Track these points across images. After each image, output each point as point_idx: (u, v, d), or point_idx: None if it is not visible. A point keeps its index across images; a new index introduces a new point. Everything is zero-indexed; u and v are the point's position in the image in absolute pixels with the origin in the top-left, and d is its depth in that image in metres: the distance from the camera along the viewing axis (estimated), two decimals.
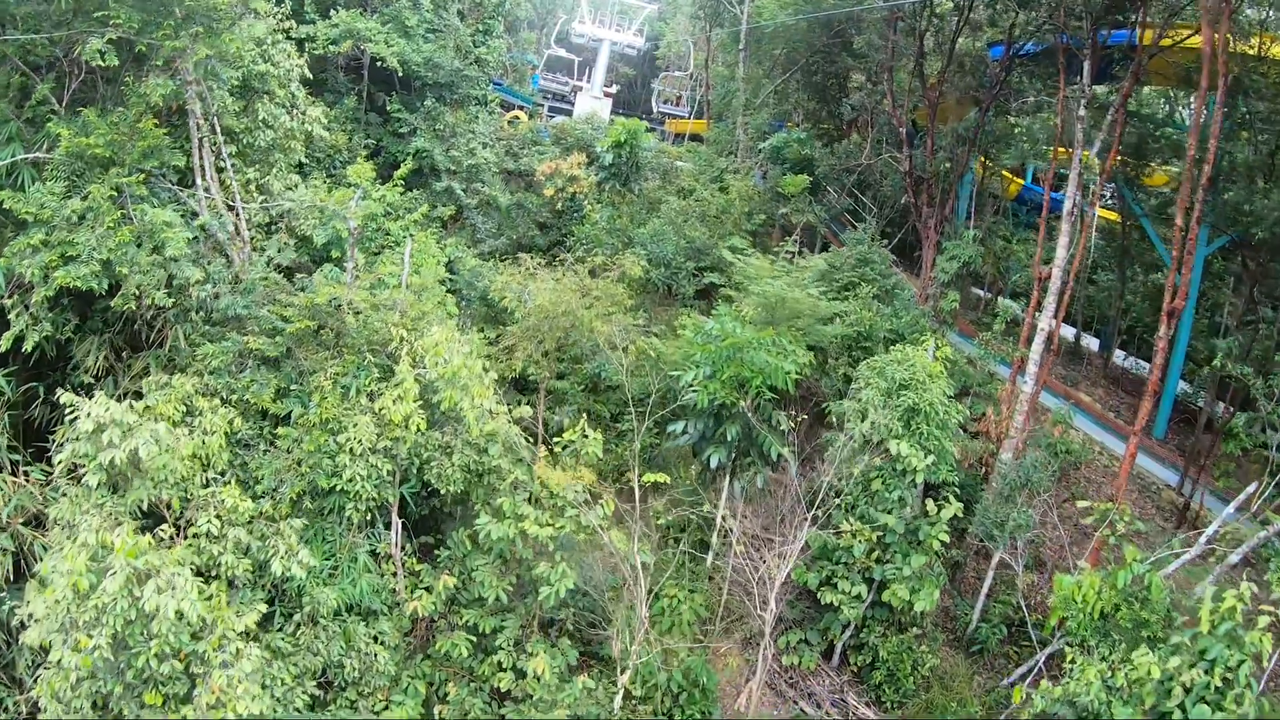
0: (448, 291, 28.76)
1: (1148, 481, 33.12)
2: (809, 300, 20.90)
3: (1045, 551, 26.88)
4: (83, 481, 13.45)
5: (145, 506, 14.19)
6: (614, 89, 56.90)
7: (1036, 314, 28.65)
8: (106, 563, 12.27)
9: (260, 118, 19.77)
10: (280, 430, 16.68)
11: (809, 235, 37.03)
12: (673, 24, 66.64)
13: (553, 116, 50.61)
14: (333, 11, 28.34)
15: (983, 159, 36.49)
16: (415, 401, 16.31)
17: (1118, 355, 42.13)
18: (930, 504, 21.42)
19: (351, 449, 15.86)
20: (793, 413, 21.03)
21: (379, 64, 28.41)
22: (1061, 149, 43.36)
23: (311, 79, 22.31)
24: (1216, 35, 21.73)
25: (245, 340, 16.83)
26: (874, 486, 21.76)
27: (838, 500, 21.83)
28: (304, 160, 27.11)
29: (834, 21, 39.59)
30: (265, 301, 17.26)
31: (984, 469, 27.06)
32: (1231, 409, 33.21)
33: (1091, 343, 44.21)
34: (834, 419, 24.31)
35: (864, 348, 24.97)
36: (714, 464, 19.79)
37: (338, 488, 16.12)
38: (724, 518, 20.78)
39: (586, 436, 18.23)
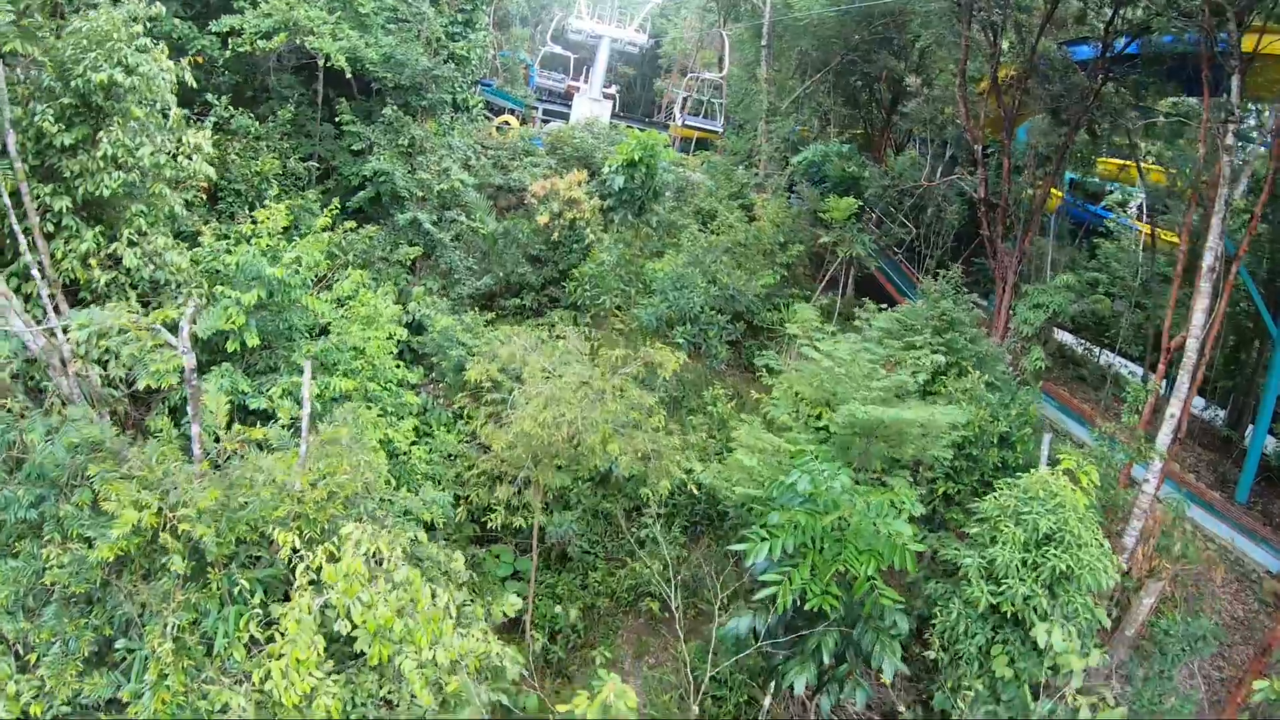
0: (412, 361, 21.28)
1: (1243, 565, 26.13)
2: (921, 414, 13.59)
3: None
4: None
5: None
6: (614, 90, 49.03)
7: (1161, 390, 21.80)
8: None
9: (103, 153, 12.12)
10: None
11: (846, 271, 29.72)
12: (677, 20, 58.55)
13: (547, 121, 42.82)
14: None
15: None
16: (321, 664, 8.89)
17: (1196, 401, 34.96)
18: (1082, 705, 14.47)
19: None
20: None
21: (329, 63, 20.71)
22: (1117, 163, 36.26)
23: (195, 88, 14.60)
24: None
25: (44, 554, 9.25)
26: (999, 670, 14.79)
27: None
28: (219, 193, 19.51)
29: (876, 14, 32.14)
30: (77, 478, 9.68)
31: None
32: None
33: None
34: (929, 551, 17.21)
35: (968, 455, 17.66)
36: (797, 689, 12.46)
37: None
38: None
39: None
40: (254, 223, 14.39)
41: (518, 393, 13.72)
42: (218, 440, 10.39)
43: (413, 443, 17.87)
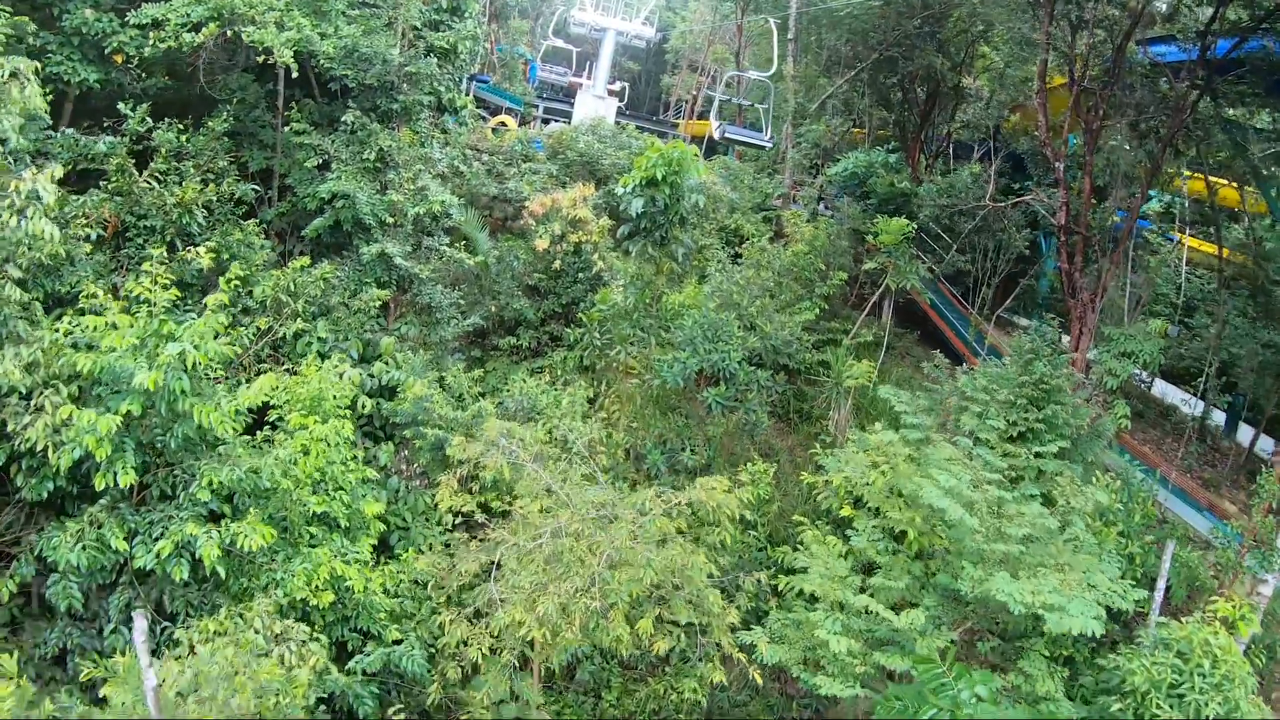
0: (382, 426, 16.60)
1: None
2: (1091, 600, 9.00)
3: None
4: None
5: None
6: (618, 86, 44.00)
7: None
8: None
9: None
10: None
11: (886, 298, 24.96)
12: (684, 13, 53.25)
13: (548, 121, 37.88)
14: None
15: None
16: None
17: (1263, 443, 30.30)
18: None
19: None
20: None
21: (270, 59, 15.81)
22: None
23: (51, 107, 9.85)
24: None
25: None
26: None
27: None
28: (127, 231, 14.74)
29: (919, 4, 27.21)
30: None
31: None
32: None
33: (1215, 415, 32.11)
34: None
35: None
36: None
37: None
38: None
39: None
40: (93, 313, 9.59)
41: (506, 551, 9.07)
42: None
43: (376, 564, 13.26)
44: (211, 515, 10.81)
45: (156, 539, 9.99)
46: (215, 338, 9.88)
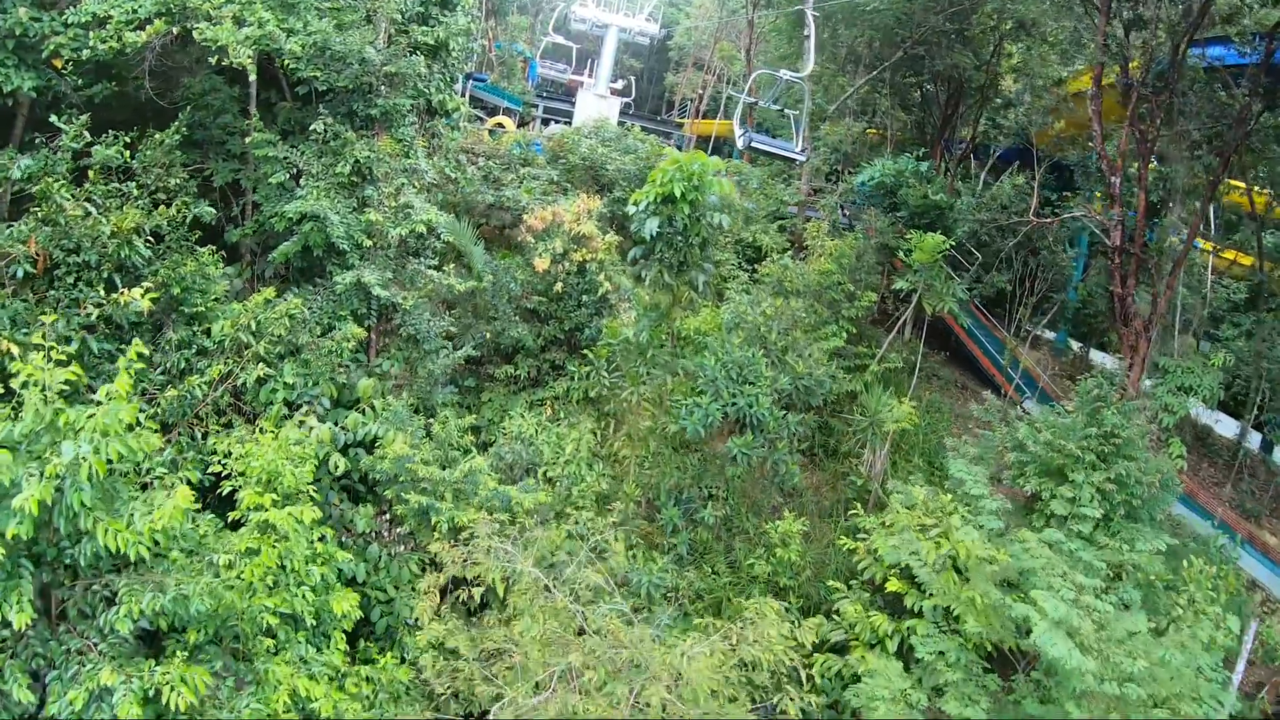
0: (356, 485, 14.37)
1: None
2: None
3: None
4: None
5: None
6: (621, 84, 41.63)
7: None
8: None
9: None
10: None
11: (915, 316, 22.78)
12: (688, 10, 50.70)
13: (548, 122, 35.58)
14: None
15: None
16: None
17: None
18: None
19: None
20: None
21: (224, 60, 13.48)
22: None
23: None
24: None
25: None
26: None
27: None
28: (56, 269, 12.45)
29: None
30: None
31: None
32: None
33: (1251, 437, 29.87)
34: None
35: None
36: None
37: None
38: None
39: None
40: None
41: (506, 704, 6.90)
42: None
43: (353, 660, 11.12)
44: (143, 635, 8.65)
45: (73, 676, 7.83)
46: (133, 428, 7.64)
